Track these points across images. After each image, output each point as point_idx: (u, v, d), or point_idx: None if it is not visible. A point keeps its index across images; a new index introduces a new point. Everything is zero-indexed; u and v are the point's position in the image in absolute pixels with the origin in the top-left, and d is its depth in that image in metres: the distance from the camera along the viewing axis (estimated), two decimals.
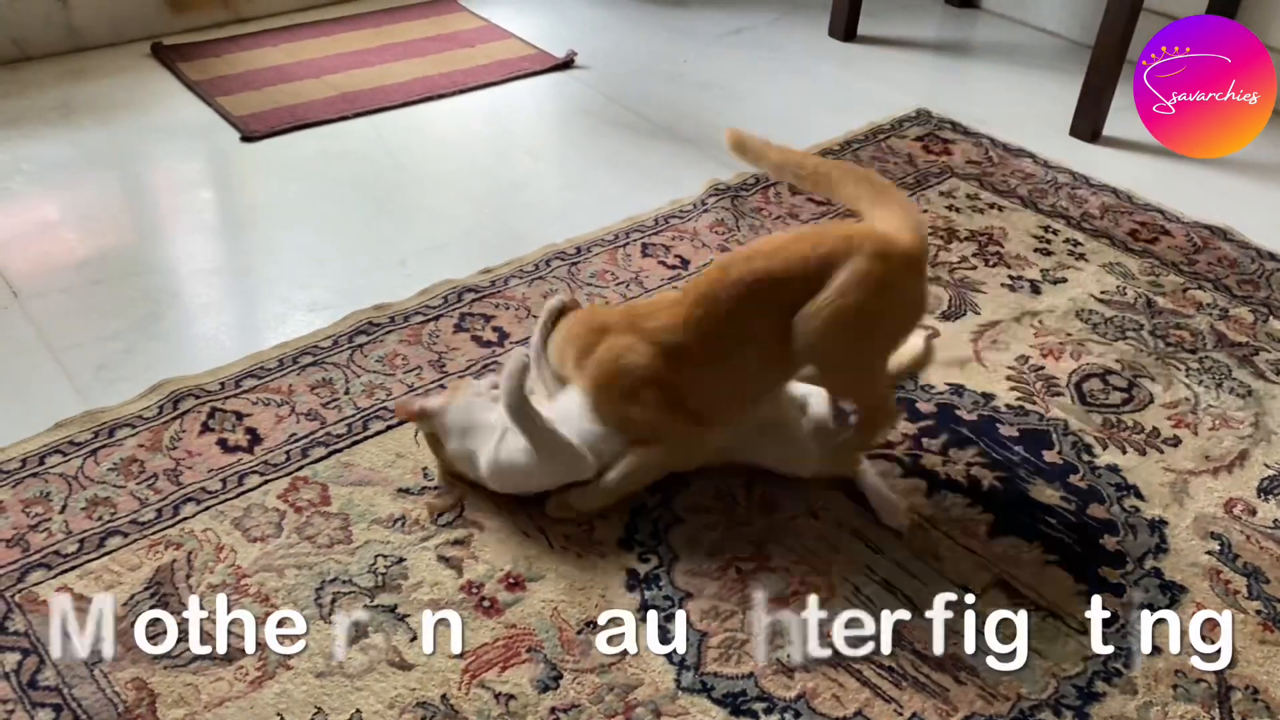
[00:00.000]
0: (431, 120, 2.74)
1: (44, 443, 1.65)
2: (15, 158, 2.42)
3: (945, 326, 2.05)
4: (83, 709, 1.29)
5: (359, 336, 1.92)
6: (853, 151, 2.65)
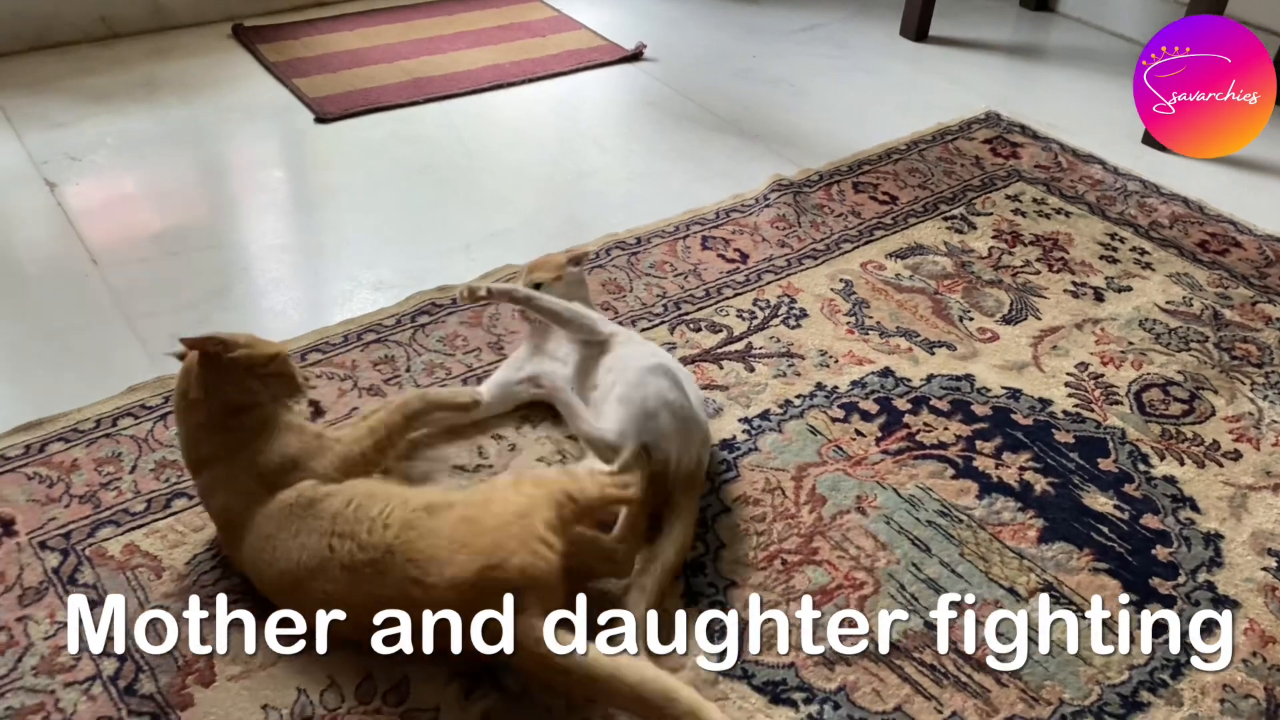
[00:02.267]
0: (500, 108, 2.78)
1: (117, 405, 1.71)
2: (101, 132, 2.50)
3: (1005, 330, 2.04)
4: (145, 660, 1.34)
5: (421, 316, 1.96)
6: (919, 151, 2.63)
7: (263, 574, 1.37)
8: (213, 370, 1.41)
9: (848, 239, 2.29)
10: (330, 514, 1.34)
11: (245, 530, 1.38)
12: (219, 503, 1.43)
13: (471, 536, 1.29)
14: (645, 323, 1.99)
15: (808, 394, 1.85)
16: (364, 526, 1.31)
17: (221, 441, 1.42)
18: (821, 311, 2.05)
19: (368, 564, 1.28)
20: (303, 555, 1.32)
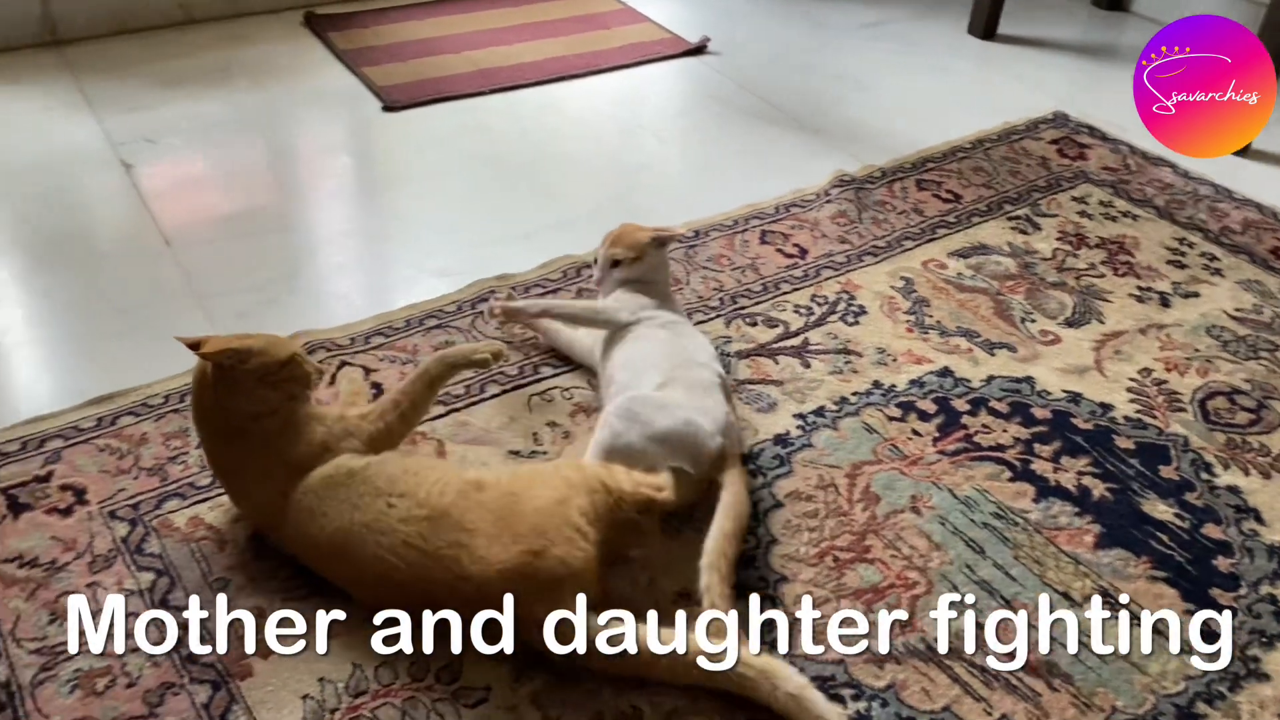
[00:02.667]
0: (564, 99, 2.80)
1: (186, 382, 1.74)
2: (176, 115, 2.56)
3: (1067, 333, 2.01)
4: (205, 630, 1.38)
5: (481, 304, 1.99)
6: (984, 150, 2.60)
7: (310, 544, 1.39)
8: (228, 382, 1.40)
9: (909, 236, 2.27)
10: (386, 477, 1.38)
11: (284, 515, 1.41)
12: (252, 501, 1.46)
13: (513, 517, 1.33)
14: (701, 316, 1.99)
15: (864, 391, 1.84)
16: (423, 489, 1.36)
17: (243, 446, 1.44)
18: (881, 309, 2.04)
19: (425, 518, 1.33)
20: (355, 514, 1.36)
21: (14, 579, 1.43)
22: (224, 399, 1.41)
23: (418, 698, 1.32)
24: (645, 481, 1.45)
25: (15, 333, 1.90)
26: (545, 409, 1.76)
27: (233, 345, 1.39)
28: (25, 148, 2.41)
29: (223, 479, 1.50)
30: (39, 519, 1.51)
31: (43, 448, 1.63)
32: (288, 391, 1.43)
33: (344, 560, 1.36)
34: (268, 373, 1.41)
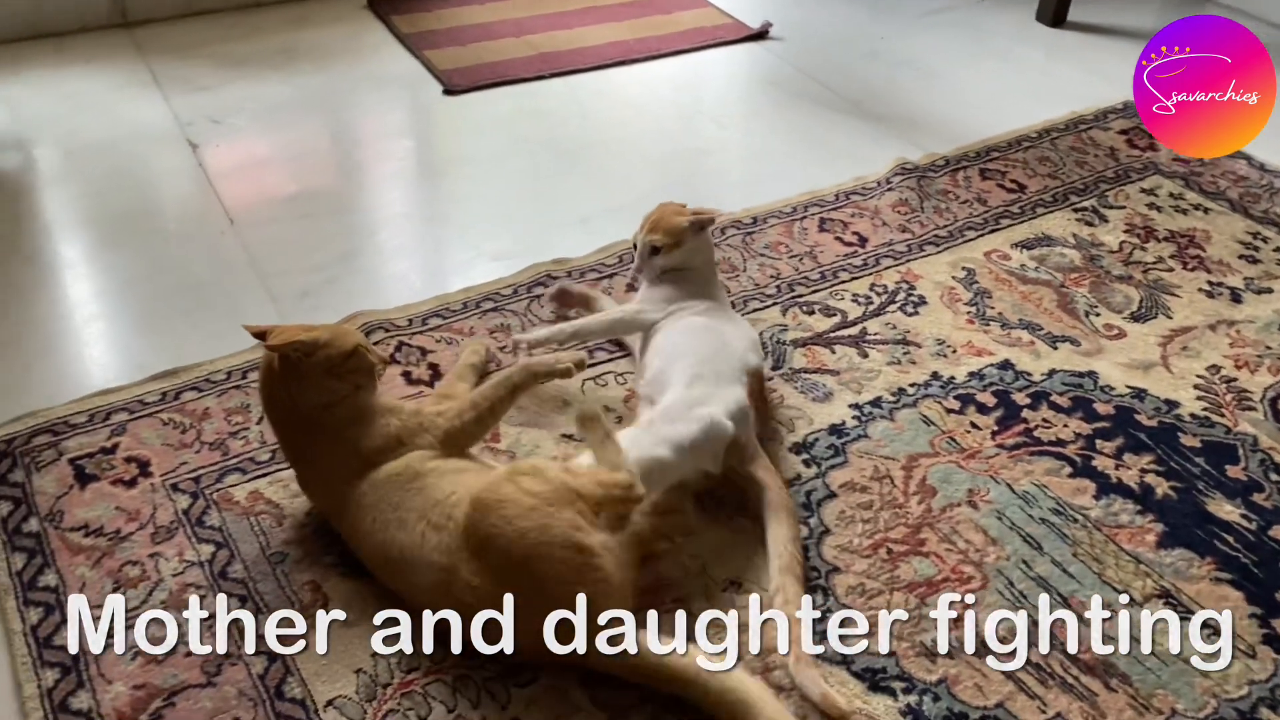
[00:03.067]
0: (623, 84, 2.80)
1: (248, 359, 1.79)
2: (241, 96, 2.60)
3: (1133, 328, 1.97)
4: (264, 602, 1.41)
5: (538, 288, 1.99)
6: (1050, 140, 2.55)
7: (362, 544, 1.40)
8: (295, 374, 1.41)
9: (972, 226, 2.24)
10: (433, 498, 1.36)
11: (347, 505, 1.41)
12: (320, 488, 1.47)
13: (508, 561, 1.27)
14: (757, 303, 1.98)
15: (922, 383, 1.81)
16: (453, 524, 1.32)
17: (314, 435, 1.45)
18: (941, 300, 2.01)
19: (441, 569, 1.30)
20: (400, 533, 1.35)
21: (80, 547, 1.46)
22: (292, 390, 1.42)
23: (469, 676, 1.33)
24: (611, 481, 1.38)
25: (85, 308, 1.95)
26: (599, 393, 1.76)
27: (299, 338, 1.39)
28: (96, 126, 2.46)
29: (293, 464, 1.52)
30: (105, 489, 1.55)
31: (109, 420, 1.66)
32: (354, 382, 1.44)
33: (388, 573, 1.38)
34: (333, 365, 1.41)
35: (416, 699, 1.30)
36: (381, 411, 1.46)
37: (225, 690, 1.30)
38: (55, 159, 2.36)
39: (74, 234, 2.16)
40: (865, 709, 1.31)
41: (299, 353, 1.39)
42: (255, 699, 1.29)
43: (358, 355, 1.43)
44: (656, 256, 1.77)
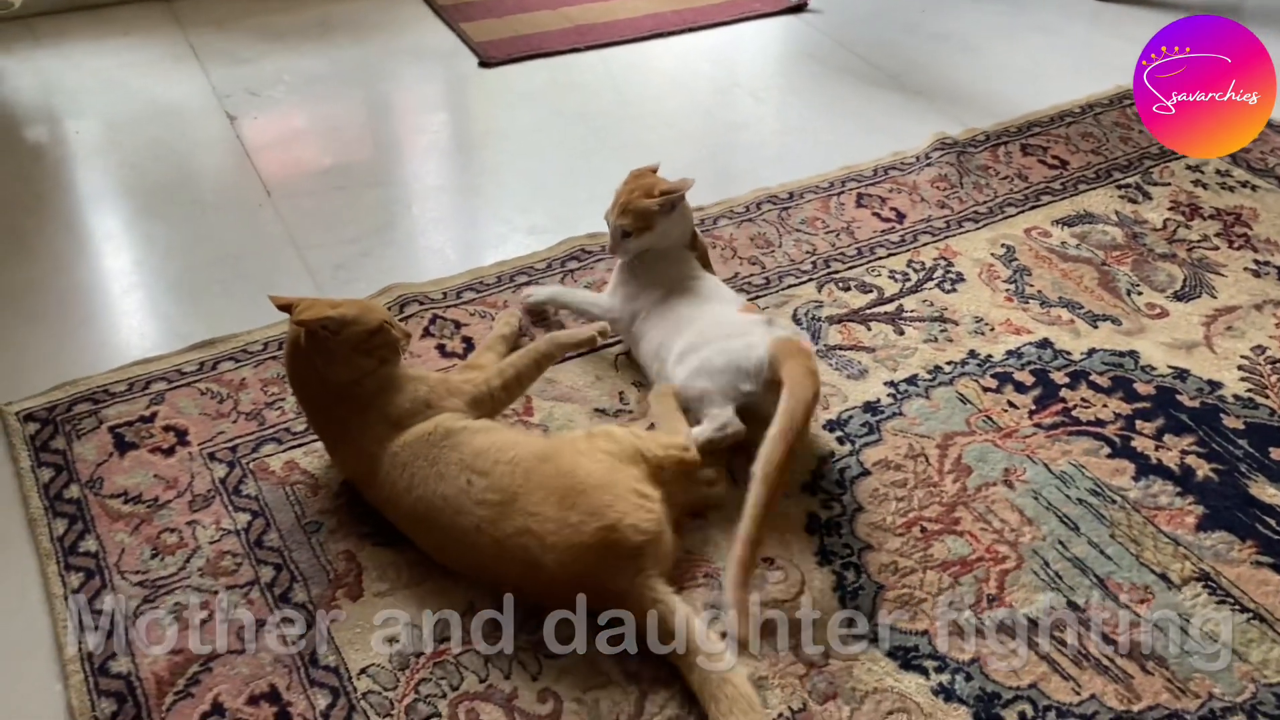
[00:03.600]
0: (658, 57, 2.77)
1: (284, 330, 1.76)
2: (278, 69, 2.61)
3: (1175, 307, 1.93)
4: (299, 571, 1.42)
5: (571, 262, 1.99)
6: (1094, 115, 2.50)
7: (398, 503, 1.41)
8: (322, 350, 1.42)
9: (1012, 203, 2.20)
10: (473, 449, 1.38)
11: (378, 468, 1.42)
12: (349, 455, 1.47)
13: (576, 495, 1.32)
14: (793, 279, 1.96)
15: (959, 361, 1.79)
16: (500, 469, 1.35)
17: (342, 407, 1.46)
18: (980, 277, 1.99)
19: (497, 503, 1.33)
20: (440, 485, 1.37)
21: (119, 514, 1.49)
22: (319, 366, 1.44)
23: (501, 647, 1.33)
24: (671, 444, 1.45)
25: (124, 278, 1.97)
26: (631, 369, 1.75)
27: (328, 314, 1.40)
28: (135, 98, 2.48)
29: (320, 434, 1.53)
30: (143, 457, 1.57)
31: (148, 389, 1.68)
32: (380, 357, 1.46)
33: (426, 528, 1.39)
34: (360, 341, 1.43)
35: (449, 668, 1.31)
36: (409, 379, 1.48)
37: (260, 657, 1.32)
38: (95, 130, 2.38)
39: (113, 205, 2.18)
40: (896, 687, 1.31)
41: (326, 330, 1.40)
42: (290, 665, 1.31)
43: (383, 331, 1.45)
44: (629, 240, 1.72)
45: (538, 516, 1.32)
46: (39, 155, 2.31)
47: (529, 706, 1.28)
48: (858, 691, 1.30)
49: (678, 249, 1.76)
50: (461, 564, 1.39)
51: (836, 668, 1.32)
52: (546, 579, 1.31)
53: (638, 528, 1.31)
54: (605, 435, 1.42)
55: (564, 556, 1.30)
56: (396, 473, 1.40)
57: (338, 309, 1.42)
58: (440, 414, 1.45)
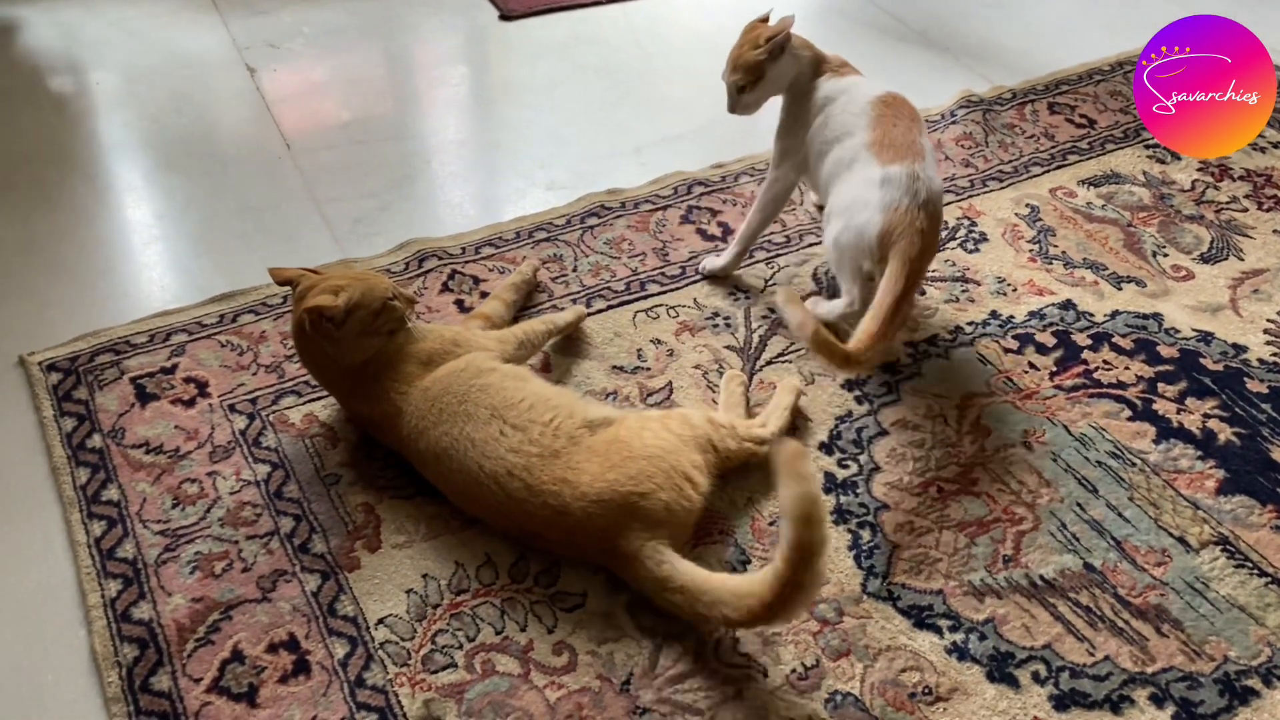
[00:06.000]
0: (680, 10, 2.74)
1: None
2: (298, 20, 2.59)
3: (1201, 269, 1.91)
4: (318, 522, 1.43)
5: (590, 218, 1.98)
6: (1123, 74, 2.46)
7: (426, 441, 1.41)
8: (328, 336, 1.43)
9: (1038, 162, 2.17)
10: (506, 399, 1.39)
11: (406, 405, 1.43)
12: (372, 399, 1.47)
13: (622, 459, 1.34)
14: (813, 238, 1.95)
15: (980, 321, 1.78)
16: (536, 429, 1.37)
17: (357, 377, 1.47)
18: (1003, 237, 1.96)
19: (536, 455, 1.34)
20: (467, 426, 1.38)
21: (141, 464, 1.50)
22: (328, 350, 1.45)
23: (517, 599, 1.35)
24: (750, 437, 1.48)
25: (145, 230, 1.97)
26: (650, 326, 1.75)
27: (332, 304, 1.40)
28: (155, 50, 2.47)
29: (334, 392, 1.55)
30: (164, 408, 1.58)
31: (168, 341, 1.69)
32: (387, 329, 1.47)
33: (449, 468, 1.39)
34: (366, 325, 1.44)
35: (465, 620, 1.32)
36: (427, 327, 1.52)
37: (280, 605, 1.33)
38: (115, 83, 2.37)
39: (134, 157, 2.18)
40: (910, 645, 1.31)
41: (330, 323, 1.42)
42: (309, 615, 1.33)
43: (387, 310, 1.46)
44: (745, 94, 1.75)
45: (578, 470, 1.33)
46: (62, 106, 2.31)
47: (544, 659, 1.29)
48: (870, 649, 1.30)
49: (804, 86, 1.75)
50: (479, 506, 1.40)
51: (850, 625, 1.33)
52: (569, 525, 1.32)
53: (668, 506, 1.32)
54: (681, 419, 1.43)
55: (591, 507, 1.31)
56: (426, 407, 1.42)
57: (341, 292, 1.42)
58: (471, 352, 1.48)
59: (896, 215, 1.55)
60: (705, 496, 1.38)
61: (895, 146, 1.60)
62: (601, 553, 1.34)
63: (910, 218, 1.55)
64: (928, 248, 1.57)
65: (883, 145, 1.61)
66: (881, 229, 1.55)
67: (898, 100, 1.69)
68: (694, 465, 1.37)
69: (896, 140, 1.61)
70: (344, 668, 1.27)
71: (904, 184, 1.56)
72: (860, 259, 1.59)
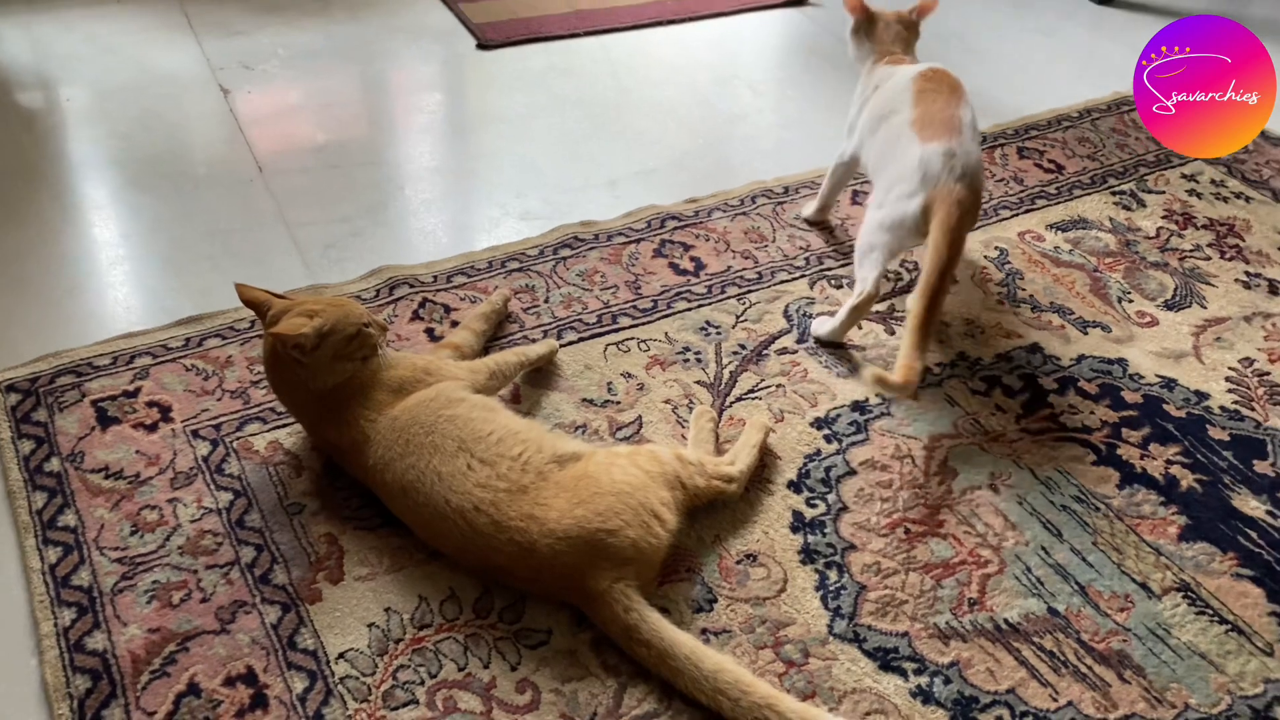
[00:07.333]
0: (658, 45, 2.76)
1: None
2: (274, 42, 2.58)
3: (1166, 316, 1.94)
4: (280, 552, 1.41)
5: (564, 249, 1.98)
6: (1091, 120, 2.50)
7: (387, 470, 1.39)
8: (300, 360, 1.42)
9: (1007, 206, 2.20)
10: (474, 432, 1.38)
11: (374, 433, 1.42)
12: (340, 426, 1.45)
13: (590, 495, 1.33)
14: (785, 275, 1.96)
15: (949, 363, 1.79)
16: (505, 463, 1.36)
17: (326, 402, 1.45)
18: (972, 279, 1.99)
19: (503, 490, 1.33)
20: (434, 459, 1.36)
21: (100, 489, 1.47)
22: (300, 375, 1.44)
23: (481, 634, 1.33)
24: (719, 475, 1.47)
25: (111, 250, 1.95)
26: (620, 359, 1.75)
27: (303, 332, 1.38)
28: (127, 67, 2.45)
29: (300, 418, 1.53)
30: (126, 433, 1.56)
31: (132, 364, 1.67)
32: (360, 356, 1.46)
33: (415, 501, 1.37)
34: (339, 351, 1.43)
35: (428, 655, 1.31)
36: (399, 359, 1.50)
37: (239, 638, 1.31)
38: (86, 99, 2.35)
39: (102, 175, 2.15)
40: (875, 688, 1.31)
41: (300, 349, 1.40)
42: (268, 648, 1.30)
43: (362, 336, 1.45)
44: (851, 37, 2.00)
45: (546, 505, 1.32)
46: (31, 122, 2.28)
47: (507, 696, 1.27)
48: (836, 691, 1.30)
49: (870, 66, 1.98)
50: (445, 541, 1.38)
51: (815, 667, 1.33)
52: (536, 562, 1.31)
53: (636, 543, 1.32)
54: (649, 455, 1.43)
55: (558, 544, 1.30)
56: (393, 437, 1.40)
57: (315, 318, 1.40)
58: (441, 382, 1.47)
59: (936, 191, 1.66)
60: (673, 534, 1.38)
61: (935, 124, 1.72)
62: (568, 590, 1.33)
63: (948, 190, 1.65)
64: (967, 215, 1.66)
65: (923, 123, 1.73)
66: (922, 205, 1.66)
67: (939, 74, 1.84)
68: (662, 502, 1.37)
69: (936, 117, 1.73)
70: (302, 703, 1.25)
71: (942, 161, 1.67)
72: (904, 239, 1.72)
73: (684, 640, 1.27)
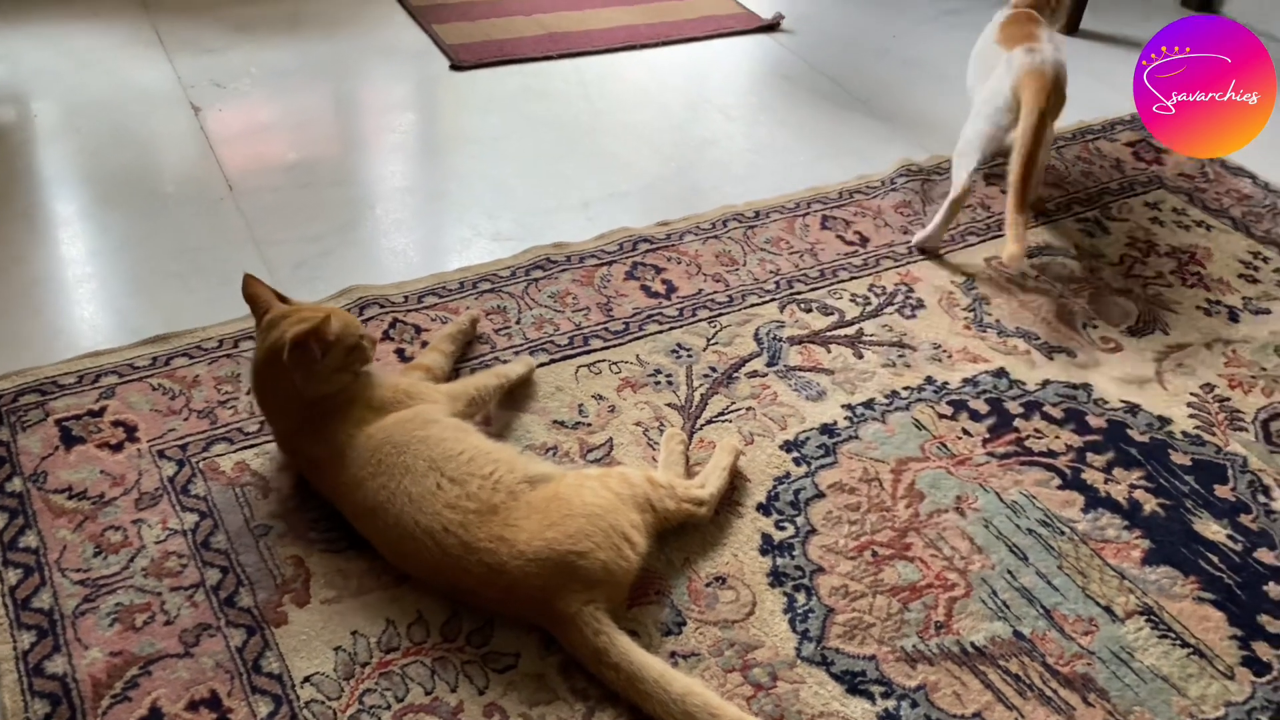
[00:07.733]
0: (630, 69, 2.78)
1: (240, 327, 1.77)
2: (246, 61, 2.58)
3: (1129, 342, 1.97)
4: (246, 574, 1.40)
5: (536, 271, 1.98)
6: (1056, 149, 2.54)
7: (362, 493, 1.38)
8: (302, 366, 1.41)
9: (974, 232, 2.23)
10: (445, 451, 1.38)
11: (349, 450, 1.41)
12: (315, 440, 1.45)
13: (560, 517, 1.33)
14: (755, 299, 1.97)
15: (916, 387, 1.81)
16: (475, 482, 1.36)
17: (309, 412, 1.45)
18: (939, 304, 2.01)
19: (473, 511, 1.33)
20: (405, 479, 1.36)
21: (63, 510, 1.45)
22: (297, 380, 1.43)
23: (448, 658, 1.32)
24: (689, 498, 1.48)
25: (79, 267, 1.93)
26: (592, 381, 1.75)
27: (319, 329, 1.39)
28: (97, 84, 2.43)
29: (275, 427, 1.52)
30: (90, 452, 1.54)
31: (98, 383, 1.65)
32: (354, 370, 1.48)
33: (385, 522, 1.37)
34: (343, 358, 1.44)
35: (395, 679, 1.30)
36: (383, 378, 1.52)
37: (202, 661, 1.29)
38: (55, 115, 2.33)
39: (70, 192, 2.14)
40: (842, 712, 1.31)
41: (319, 344, 1.40)
42: (232, 671, 1.29)
43: (359, 349, 1.47)
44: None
45: (516, 527, 1.32)
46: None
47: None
48: (804, 715, 1.30)
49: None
50: (413, 562, 1.37)
51: (783, 690, 1.33)
52: (506, 584, 1.30)
53: (606, 565, 1.32)
54: (620, 477, 1.43)
55: (528, 565, 1.30)
56: (367, 456, 1.39)
57: (327, 326, 1.40)
58: (420, 404, 1.47)
59: (1024, 73, 1.98)
60: (643, 556, 1.38)
61: (1015, 37, 2.08)
62: (537, 613, 1.32)
63: (1036, 74, 1.98)
64: (1053, 95, 1.98)
65: (1006, 38, 2.11)
66: (1013, 85, 2.00)
67: (1019, 13, 2.20)
68: (632, 525, 1.37)
69: (1016, 34, 2.10)
70: None
71: (1025, 55, 2.01)
72: (997, 121, 2.03)
73: (653, 663, 1.27)
